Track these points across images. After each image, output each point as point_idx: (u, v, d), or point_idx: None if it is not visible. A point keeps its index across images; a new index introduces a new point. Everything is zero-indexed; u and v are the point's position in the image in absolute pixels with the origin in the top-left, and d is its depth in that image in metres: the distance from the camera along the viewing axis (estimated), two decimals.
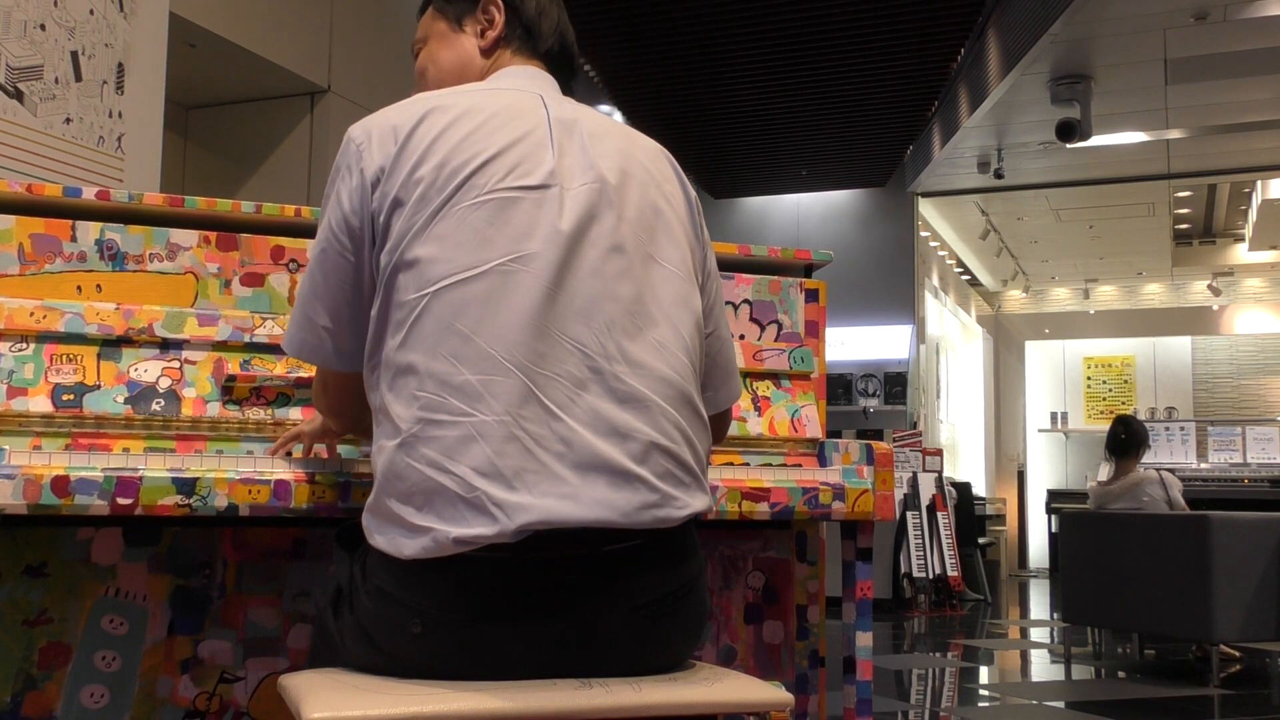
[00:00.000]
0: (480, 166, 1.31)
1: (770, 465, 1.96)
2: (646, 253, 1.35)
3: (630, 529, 1.26)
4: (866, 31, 6.51)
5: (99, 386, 1.63)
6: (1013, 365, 13.26)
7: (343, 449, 1.69)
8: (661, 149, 1.51)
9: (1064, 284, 13.17)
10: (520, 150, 1.34)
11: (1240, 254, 11.87)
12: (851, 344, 9.33)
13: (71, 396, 1.61)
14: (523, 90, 1.44)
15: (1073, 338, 13.00)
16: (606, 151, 1.39)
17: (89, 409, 1.61)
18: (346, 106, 5.13)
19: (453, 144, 1.32)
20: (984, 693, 4.95)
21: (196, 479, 1.49)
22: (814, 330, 2.17)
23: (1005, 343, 13.41)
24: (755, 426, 1.99)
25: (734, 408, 1.96)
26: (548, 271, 1.28)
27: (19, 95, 3.08)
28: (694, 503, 1.32)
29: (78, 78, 3.25)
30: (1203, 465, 9.23)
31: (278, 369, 1.73)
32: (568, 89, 1.56)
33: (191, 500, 1.48)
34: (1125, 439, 5.69)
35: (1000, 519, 11.25)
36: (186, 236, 1.80)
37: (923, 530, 8.13)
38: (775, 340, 2.14)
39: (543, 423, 1.24)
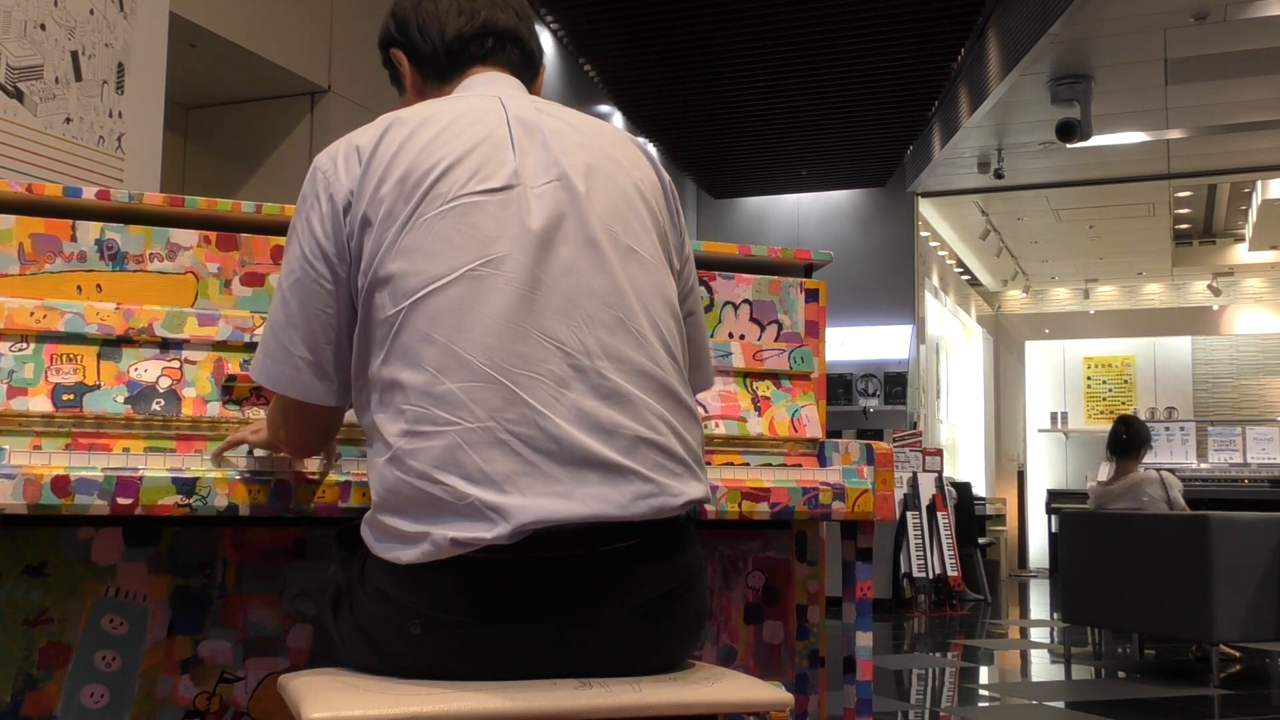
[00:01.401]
0: (442, 174, 1.31)
1: (770, 465, 1.96)
2: (620, 244, 1.34)
3: (628, 523, 1.26)
4: (866, 31, 6.52)
5: (99, 386, 1.63)
6: (1013, 365, 13.26)
7: (342, 449, 1.69)
8: (629, 135, 1.49)
9: (1064, 284, 13.18)
10: (480, 154, 1.33)
11: (1240, 254, 11.87)
12: (851, 344, 9.33)
13: (71, 396, 1.61)
14: (481, 95, 1.43)
15: (1073, 338, 13.00)
16: (569, 147, 1.37)
17: (89, 409, 1.61)
18: (346, 106, 5.13)
19: (413, 155, 1.32)
20: (984, 693, 4.95)
21: (196, 479, 1.49)
22: (814, 330, 2.17)
23: (1005, 343, 13.41)
24: (755, 426, 1.99)
25: (733, 408, 1.95)
26: (519, 272, 1.28)
27: (19, 95, 3.08)
28: (689, 490, 1.31)
29: (78, 77, 3.25)
30: (1203, 465, 9.23)
31: None
32: (530, 76, 1.53)
33: (191, 500, 1.48)
34: (1127, 439, 5.69)
35: (1000, 519, 11.25)
36: (186, 236, 1.80)
37: (923, 530, 8.13)
38: (775, 340, 2.14)
39: (530, 423, 1.24)
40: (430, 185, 1.30)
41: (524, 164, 1.34)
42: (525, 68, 1.53)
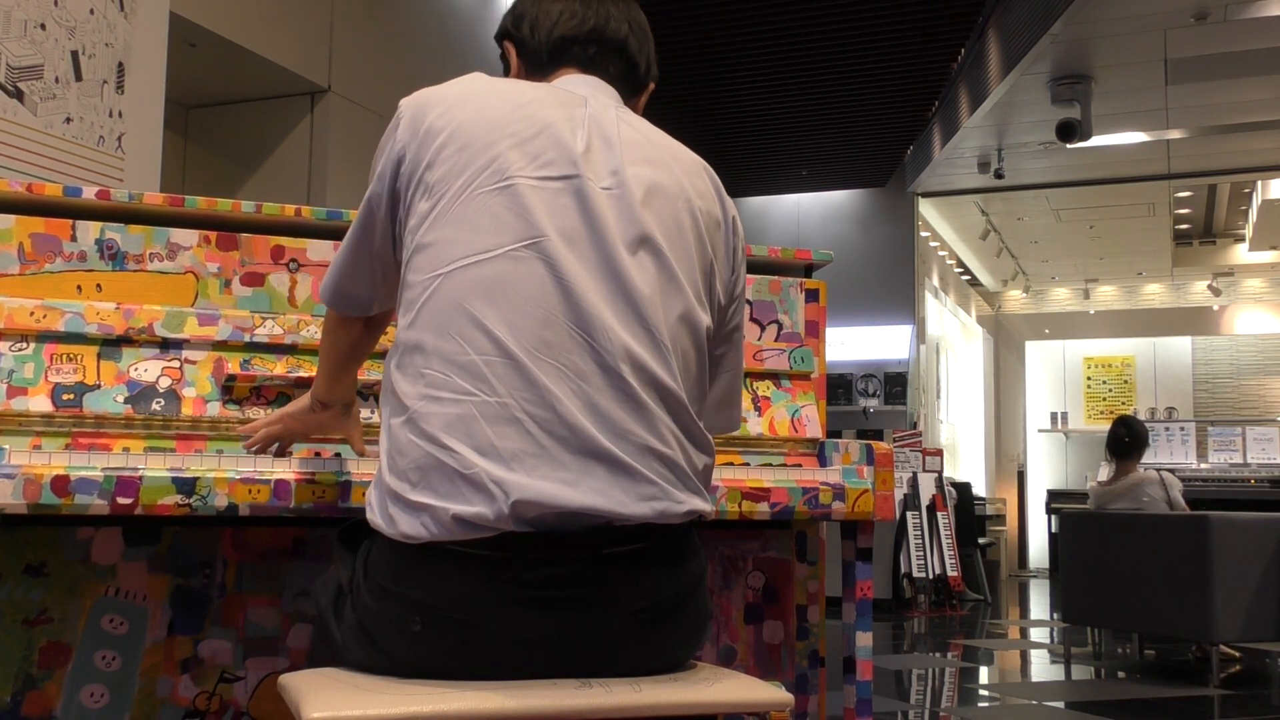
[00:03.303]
0: (503, 152, 1.32)
1: (770, 465, 1.96)
2: (663, 262, 1.34)
3: (631, 526, 1.26)
4: (866, 31, 6.51)
5: (99, 386, 1.63)
6: (1013, 365, 13.25)
7: (342, 449, 1.69)
8: (703, 164, 1.48)
9: (1064, 284, 13.17)
10: (544, 140, 1.34)
11: (1240, 254, 11.87)
12: (851, 344, 9.33)
13: (71, 396, 1.61)
14: (568, 90, 1.43)
15: (1073, 338, 12.99)
16: (636, 158, 1.38)
17: (89, 408, 1.61)
18: (346, 106, 5.13)
19: (478, 128, 1.34)
20: (984, 693, 4.95)
21: (196, 479, 1.49)
22: (814, 330, 2.17)
23: (1005, 343, 13.41)
24: (755, 426, 1.99)
25: None
26: (560, 261, 1.28)
27: (19, 95, 3.08)
28: (693, 502, 1.32)
29: (78, 77, 3.25)
30: (1203, 465, 9.23)
31: (278, 369, 1.73)
32: (630, 90, 1.52)
33: (191, 500, 1.48)
34: (1129, 441, 5.68)
35: (1000, 519, 11.24)
36: (186, 236, 1.80)
37: (923, 530, 8.13)
38: (775, 340, 2.14)
39: (546, 406, 1.25)
40: (487, 162, 1.32)
41: (588, 160, 1.35)
42: (626, 81, 1.52)
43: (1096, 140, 7.58)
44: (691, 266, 1.38)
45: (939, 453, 8.64)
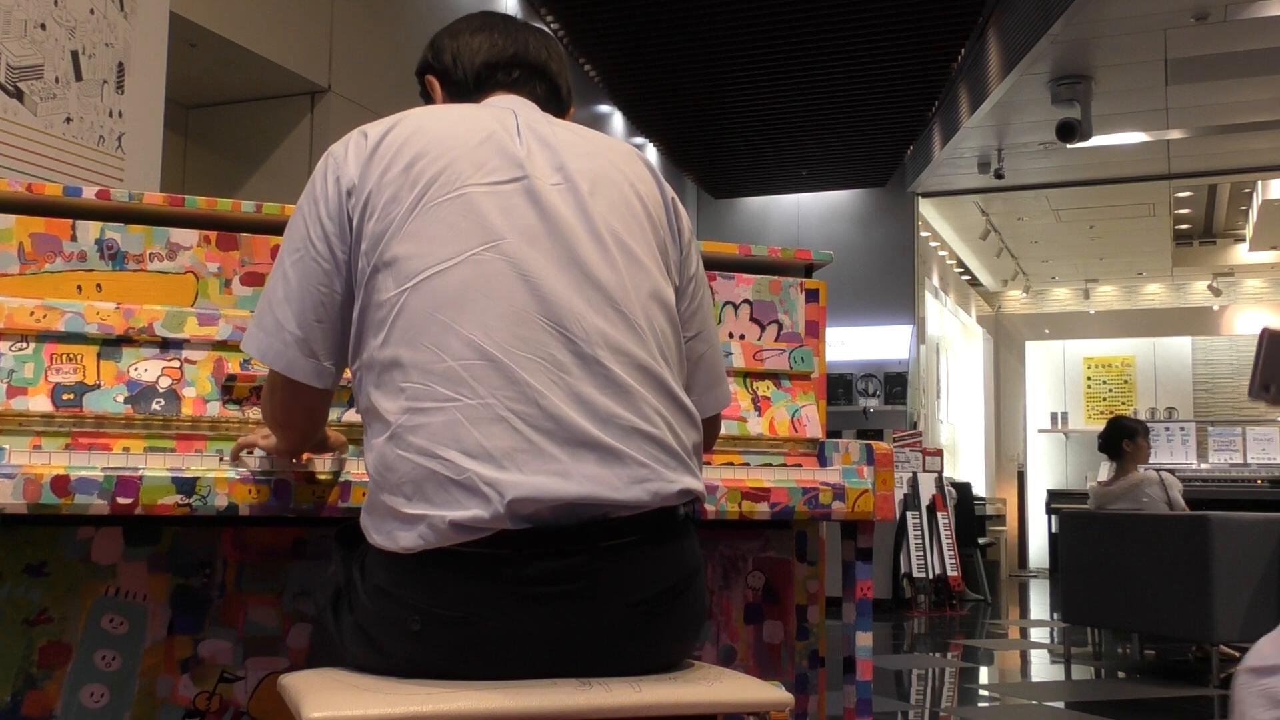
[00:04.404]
0: (447, 165, 1.34)
1: (770, 465, 1.96)
2: (622, 244, 1.37)
3: (626, 517, 1.27)
4: (867, 31, 6.52)
5: (99, 386, 1.63)
6: (1013, 365, 13.25)
7: None
8: (636, 151, 1.53)
9: (1064, 284, 13.17)
10: (486, 150, 1.37)
11: (1240, 254, 11.87)
12: (851, 344, 9.33)
13: (71, 396, 1.61)
14: (496, 107, 1.47)
15: (1073, 338, 13.00)
16: (576, 155, 1.41)
17: (89, 408, 1.61)
18: (346, 106, 5.13)
19: (420, 146, 1.36)
20: (984, 693, 4.95)
21: (196, 478, 1.49)
22: (814, 330, 2.17)
23: (1005, 343, 13.41)
24: (755, 426, 1.99)
25: (733, 409, 1.95)
26: (522, 259, 1.30)
27: (19, 95, 3.08)
28: (685, 480, 1.33)
29: (78, 77, 3.25)
30: (1203, 466, 9.23)
31: None
32: (555, 112, 1.55)
33: (191, 500, 1.48)
34: (1103, 442, 5.80)
35: (1000, 519, 11.24)
36: (186, 236, 1.80)
37: (923, 530, 8.13)
38: (775, 340, 2.14)
39: (529, 402, 1.26)
40: (435, 174, 1.33)
41: (531, 162, 1.38)
42: (550, 102, 1.56)
43: (1096, 140, 7.58)
44: (649, 245, 1.41)
45: (939, 453, 8.64)
